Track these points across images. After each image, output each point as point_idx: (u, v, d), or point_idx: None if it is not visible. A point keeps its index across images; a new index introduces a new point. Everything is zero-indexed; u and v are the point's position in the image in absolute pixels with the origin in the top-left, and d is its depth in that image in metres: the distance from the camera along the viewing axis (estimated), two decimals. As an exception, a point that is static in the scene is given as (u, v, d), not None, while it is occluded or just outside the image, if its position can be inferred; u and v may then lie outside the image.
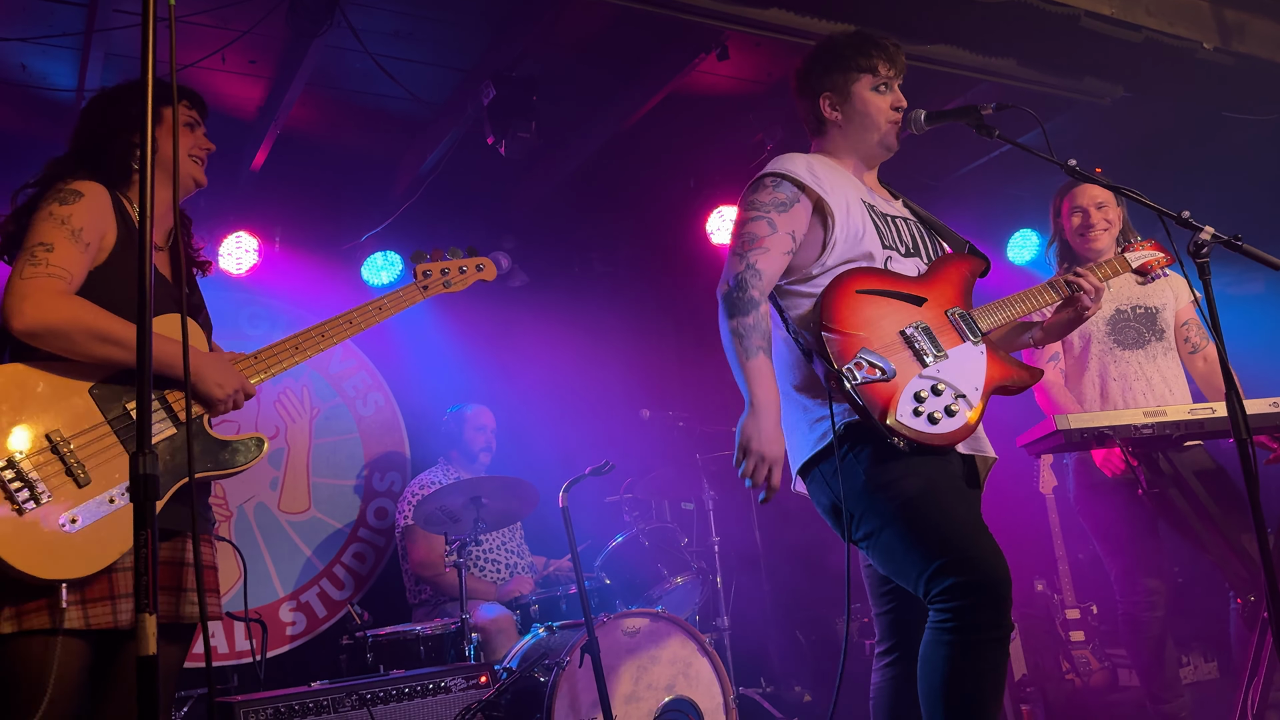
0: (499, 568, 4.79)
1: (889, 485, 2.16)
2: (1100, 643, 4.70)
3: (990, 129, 2.45)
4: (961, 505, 2.18)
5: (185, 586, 2.12)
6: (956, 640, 2.06)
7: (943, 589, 2.07)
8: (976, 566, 2.07)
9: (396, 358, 5.78)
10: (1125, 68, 4.55)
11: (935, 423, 2.16)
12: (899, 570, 2.19)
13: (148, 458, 1.20)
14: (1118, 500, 3.45)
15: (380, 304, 2.41)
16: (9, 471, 1.91)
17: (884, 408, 2.14)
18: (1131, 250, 2.82)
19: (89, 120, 2.30)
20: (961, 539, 2.10)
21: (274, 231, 5.29)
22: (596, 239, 6.26)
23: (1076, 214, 3.57)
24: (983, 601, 2.05)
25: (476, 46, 4.43)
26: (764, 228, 2.30)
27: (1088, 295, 2.47)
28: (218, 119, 4.79)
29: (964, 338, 2.31)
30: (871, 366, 2.17)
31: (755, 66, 4.68)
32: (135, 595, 1.22)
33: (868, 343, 2.20)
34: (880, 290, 2.28)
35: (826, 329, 2.20)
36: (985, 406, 2.27)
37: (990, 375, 2.30)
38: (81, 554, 1.93)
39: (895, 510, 2.15)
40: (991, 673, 2.09)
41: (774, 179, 2.37)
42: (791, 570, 5.63)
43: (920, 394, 2.18)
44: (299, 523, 5.34)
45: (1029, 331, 2.61)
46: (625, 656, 3.77)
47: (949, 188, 5.72)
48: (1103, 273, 2.61)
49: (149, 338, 1.25)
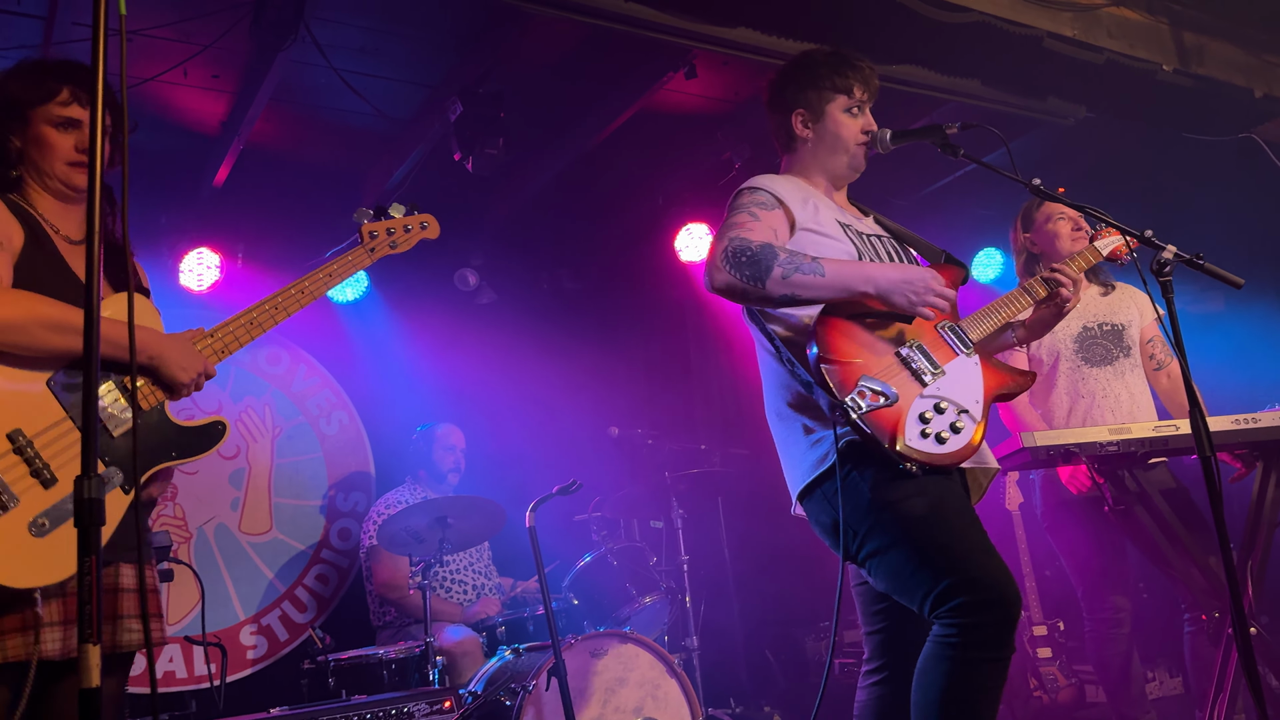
0: (465, 589, 4.73)
1: (896, 504, 2.14)
2: (1067, 659, 4.72)
3: (955, 148, 2.46)
4: (970, 525, 2.17)
5: (121, 614, 2.02)
6: (959, 656, 2.05)
7: (951, 607, 2.06)
8: (988, 587, 2.06)
9: (361, 376, 5.71)
10: (1087, 88, 4.61)
11: (943, 442, 2.16)
12: (904, 588, 2.17)
13: (92, 481, 1.16)
14: (1084, 518, 3.47)
15: (330, 270, 2.33)
16: None
17: (892, 434, 2.12)
18: (1099, 238, 2.83)
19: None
20: (972, 559, 2.09)
21: (237, 248, 5.22)
22: (565, 256, 6.24)
23: (1063, 220, 3.59)
24: (991, 620, 2.05)
25: (443, 62, 4.40)
26: (747, 218, 2.28)
27: (1066, 288, 2.49)
28: (179, 134, 4.75)
29: (957, 351, 2.31)
30: (875, 394, 2.14)
31: (723, 85, 4.70)
32: (79, 624, 1.17)
33: (866, 369, 2.18)
34: (868, 312, 2.26)
35: (825, 360, 2.16)
36: (988, 417, 2.27)
37: (988, 385, 2.31)
38: (55, 559, 1.85)
39: (904, 529, 2.13)
40: (989, 692, 2.08)
41: (752, 190, 2.37)
42: (761, 589, 5.61)
43: (925, 415, 2.17)
44: (260, 544, 5.25)
45: (1009, 332, 2.62)
46: (593, 679, 3.72)
47: (913, 206, 5.76)
48: (1076, 265, 2.63)
49: (95, 362, 1.20)
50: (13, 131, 2.12)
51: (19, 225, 2.06)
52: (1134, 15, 4.45)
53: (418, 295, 5.78)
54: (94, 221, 1.25)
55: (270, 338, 5.51)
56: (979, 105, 4.56)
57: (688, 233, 5.66)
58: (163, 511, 5.02)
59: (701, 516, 5.27)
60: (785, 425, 2.34)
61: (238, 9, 3.75)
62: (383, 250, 2.44)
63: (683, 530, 4.89)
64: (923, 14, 3.83)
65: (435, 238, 2.55)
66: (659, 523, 5.22)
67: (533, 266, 6.17)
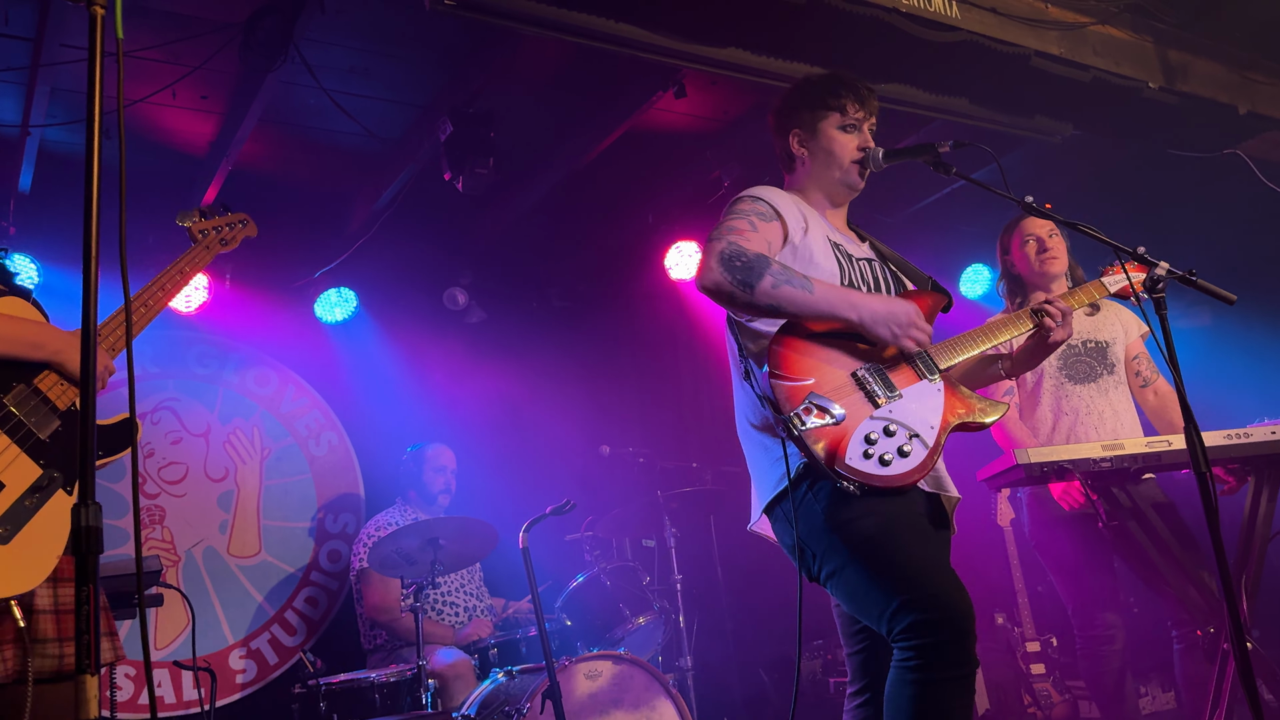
0: (457, 611, 4.69)
1: (847, 524, 2.14)
2: (1061, 675, 4.72)
3: (948, 166, 2.47)
4: (921, 543, 2.17)
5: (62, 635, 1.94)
6: (920, 679, 2.05)
7: (904, 627, 2.06)
8: (937, 604, 2.06)
9: (350, 396, 5.68)
10: (1074, 106, 4.65)
11: (886, 464, 2.14)
12: (862, 609, 2.18)
13: (90, 509, 1.14)
14: (1074, 534, 3.47)
15: (181, 268, 2.42)
16: None
17: (832, 452, 2.12)
18: (1109, 275, 2.82)
19: None
20: (920, 576, 2.09)
21: (225, 269, 5.20)
22: (555, 275, 6.24)
23: (1030, 241, 3.62)
24: (945, 639, 2.04)
25: (433, 83, 4.41)
26: (745, 225, 2.29)
27: (1054, 321, 2.48)
28: (168, 154, 4.73)
29: (920, 375, 2.29)
30: (821, 411, 2.14)
31: (712, 105, 4.72)
32: (77, 654, 1.15)
33: (817, 387, 2.18)
34: (834, 332, 2.26)
35: (775, 376, 2.17)
36: (942, 445, 2.26)
37: (948, 413, 2.28)
38: (22, 566, 1.79)
39: (854, 549, 2.13)
40: (957, 710, 2.07)
41: (753, 198, 2.38)
42: (755, 608, 5.59)
43: (870, 435, 2.15)
44: (249, 567, 5.20)
45: (997, 364, 2.62)
46: (588, 701, 3.70)
47: (902, 223, 5.79)
48: (1075, 300, 2.62)
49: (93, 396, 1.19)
50: None
51: None
52: (1120, 34, 4.50)
53: (407, 315, 5.77)
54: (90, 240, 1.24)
55: (258, 358, 5.48)
56: (967, 123, 4.59)
57: (677, 250, 5.67)
58: (150, 534, 4.97)
59: (694, 535, 5.25)
60: (750, 443, 2.35)
61: (227, 30, 3.74)
62: (216, 247, 2.54)
63: (675, 549, 4.87)
64: (912, 33, 3.85)
65: (255, 235, 2.66)
66: (651, 541, 5.20)
67: (522, 285, 6.17)
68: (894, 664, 2.10)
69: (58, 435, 1.95)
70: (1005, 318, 2.55)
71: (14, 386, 1.94)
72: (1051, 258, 3.57)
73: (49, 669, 1.89)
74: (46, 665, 1.89)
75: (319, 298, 5.50)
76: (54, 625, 1.92)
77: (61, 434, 1.95)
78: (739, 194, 2.43)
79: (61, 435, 1.95)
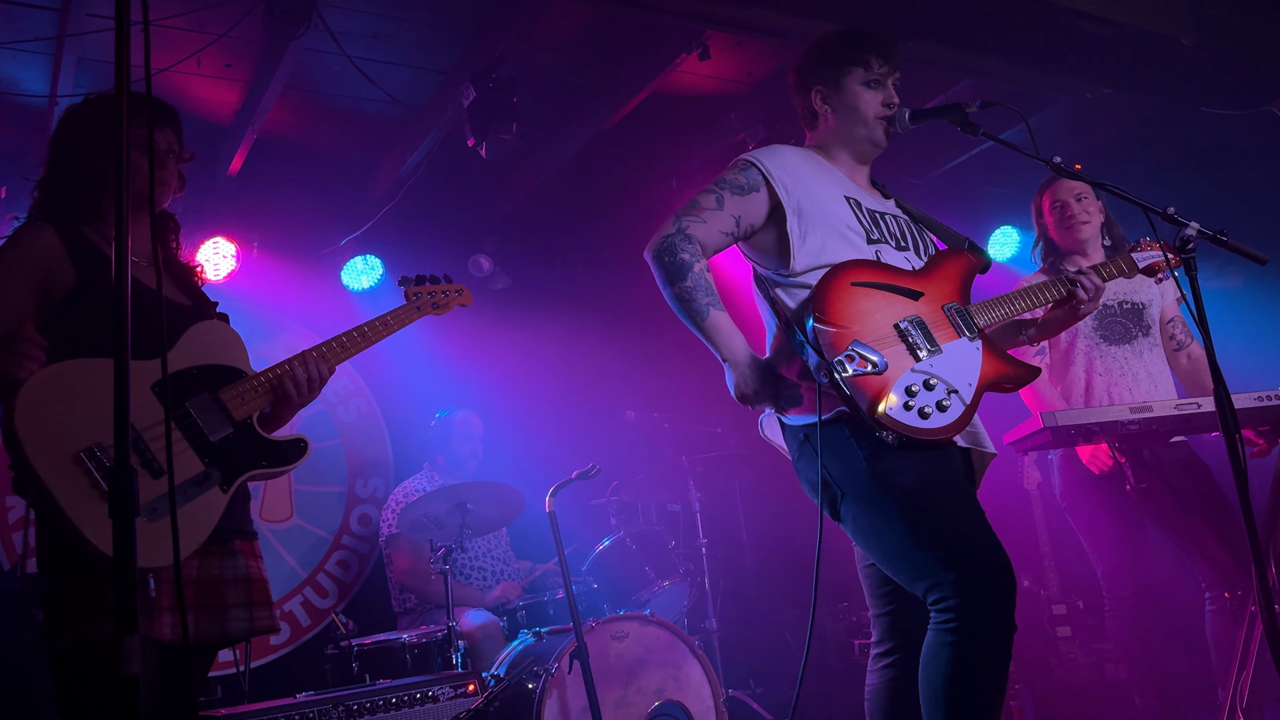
0: (485, 574, 4.75)
1: (890, 476, 2.12)
2: (1087, 637, 4.72)
3: (975, 126, 2.44)
4: (963, 502, 2.15)
5: (228, 603, 2.15)
6: (959, 641, 2.02)
7: (943, 590, 2.03)
8: (978, 565, 2.04)
9: (378, 362, 5.72)
10: (1106, 63, 4.56)
11: (926, 417, 2.14)
12: (895, 567, 2.16)
13: (126, 474, 1.17)
14: (1104, 497, 3.45)
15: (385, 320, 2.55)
16: (93, 460, 1.92)
17: (873, 400, 2.11)
18: (1139, 250, 2.78)
19: (58, 142, 2.29)
20: (961, 539, 2.07)
21: (252, 237, 5.23)
22: (579, 240, 6.23)
23: (1057, 207, 3.58)
24: (985, 600, 2.02)
25: (456, 48, 4.39)
26: (711, 201, 2.33)
27: (1086, 293, 2.46)
28: (194, 123, 4.74)
29: (960, 333, 2.29)
30: (863, 359, 2.14)
31: (736, 66, 4.67)
32: (117, 616, 1.19)
33: (860, 335, 2.17)
34: (876, 283, 2.25)
35: (819, 320, 2.17)
36: (979, 403, 2.25)
37: (985, 371, 2.27)
38: (165, 543, 1.93)
39: (894, 503, 2.11)
40: (994, 673, 2.05)
41: (744, 163, 2.38)
42: (779, 571, 5.63)
43: (911, 388, 2.15)
44: (281, 531, 5.29)
45: (1024, 330, 2.60)
46: (614, 661, 3.75)
47: (928, 185, 5.73)
48: (1106, 272, 2.59)
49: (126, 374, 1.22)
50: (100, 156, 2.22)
51: (70, 264, 2.14)
52: (1152, -12, 4.41)
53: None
54: (123, 224, 1.26)
55: (286, 325, 5.53)
56: (996, 82, 4.52)
57: (702, 215, 5.64)
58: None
59: (719, 499, 5.28)
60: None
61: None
62: (426, 309, 2.68)
63: (700, 513, 4.90)
64: (938, -10, 3.80)
65: (469, 305, 2.81)
66: (676, 506, 5.23)
67: (547, 251, 6.17)
68: (931, 626, 2.08)
69: (227, 440, 2.15)
70: (1041, 281, 2.53)
71: (200, 393, 2.16)
72: (1079, 224, 3.53)
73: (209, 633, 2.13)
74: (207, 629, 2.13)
75: (345, 265, 5.53)
76: (198, 593, 2.12)
77: (231, 439, 2.15)
78: (737, 157, 2.42)
79: (230, 440, 2.15)
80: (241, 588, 2.17)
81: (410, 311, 2.61)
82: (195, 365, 2.16)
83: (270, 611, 2.23)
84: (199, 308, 2.36)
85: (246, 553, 2.22)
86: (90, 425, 1.94)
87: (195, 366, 2.16)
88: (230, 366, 2.23)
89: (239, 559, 2.19)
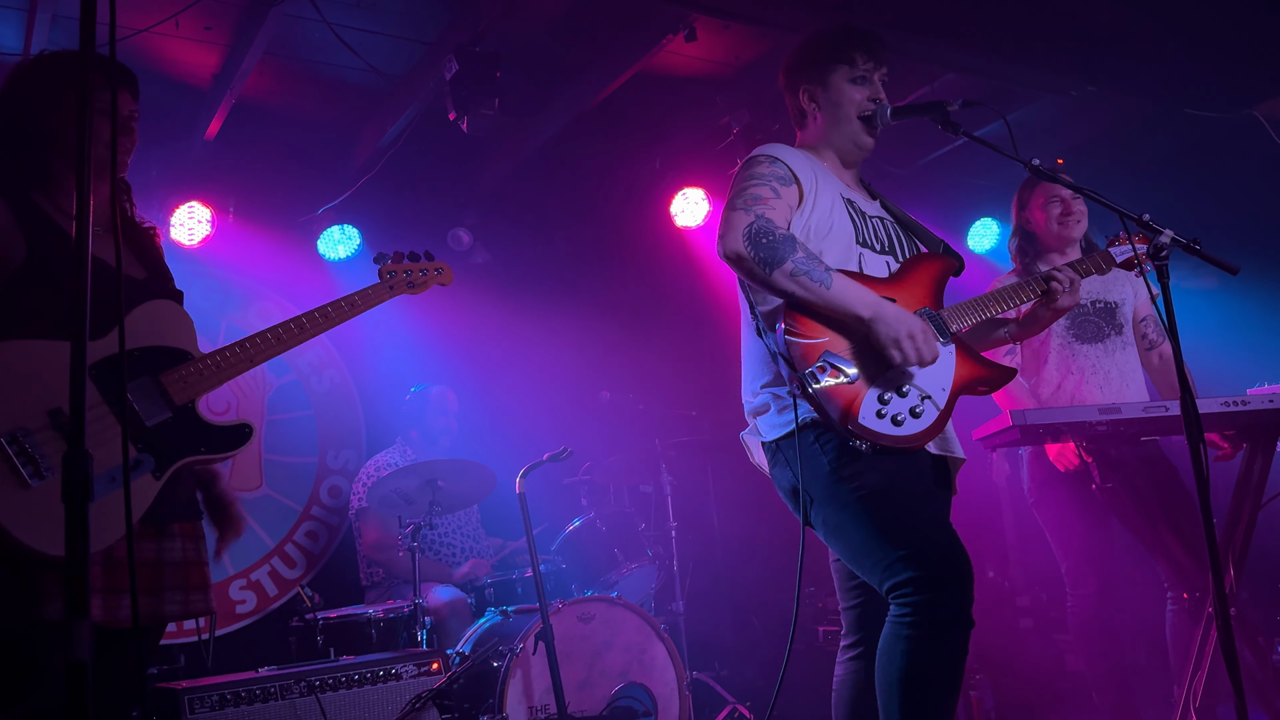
0: (454, 550, 4.75)
1: (852, 477, 2.17)
2: (1049, 629, 4.78)
3: (956, 126, 2.43)
4: (923, 502, 2.19)
5: (163, 586, 2.10)
6: (914, 635, 2.07)
7: (901, 583, 2.08)
8: (935, 562, 2.08)
9: (353, 333, 5.66)
10: (1089, 61, 4.56)
11: (899, 425, 2.16)
12: (860, 563, 2.21)
13: (80, 460, 1.16)
14: (1070, 494, 3.48)
15: (353, 299, 2.46)
16: (14, 445, 1.87)
17: (845, 409, 2.14)
18: (1117, 245, 2.78)
19: (2, 105, 2.16)
20: (920, 534, 2.12)
21: (228, 202, 5.16)
22: (559, 218, 6.20)
23: (1056, 203, 3.55)
24: (941, 597, 2.07)
25: (440, 19, 4.34)
26: (768, 192, 2.26)
27: (1061, 285, 2.47)
28: (171, 86, 4.68)
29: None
30: (835, 369, 2.16)
31: (723, 49, 4.64)
32: (66, 599, 1.17)
33: (831, 346, 2.19)
34: None
35: (791, 334, 2.18)
36: (953, 407, 2.27)
37: (959, 376, 2.29)
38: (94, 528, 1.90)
39: (857, 502, 2.16)
40: (949, 669, 2.10)
41: (770, 159, 2.34)
42: (749, 556, 5.66)
43: (884, 396, 2.17)
44: (251, 500, 5.26)
45: (1003, 328, 2.61)
46: (580, 643, 3.76)
47: (910, 177, 5.73)
48: (1083, 269, 2.60)
49: (84, 348, 1.20)
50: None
51: (17, 236, 2.04)
52: (1138, -12, 4.40)
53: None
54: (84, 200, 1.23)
55: (261, 293, 5.48)
56: (978, 78, 4.52)
57: (684, 197, 5.62)
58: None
59: (691, 483, 5.29)
60: (758, 401, 2.36)
61: (231, -40, 3.68)
62: (401, 289, 2.58)
63: (671, 496, 4.91)
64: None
65: (448, 284, 2.73)
66: (648, 487, 5.24)
67: (527, 228, 6.13)
68: (889, 619, 2.13)
69: (164, 425, 2.07)
70: (1015, 283, 2.53)
71: (139, 376, 2.07)
72: (1074, 221, 3.52)
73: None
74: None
75: (322, 234, 5.47)
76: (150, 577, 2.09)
77: (168, 424, 2.08)
78: (754, 152, 2.39)
79: (167, 425, 2.07)
80: (178, 571, 2.12)
81: (382, 291, 2.51)
82: (137, 347, 2.08)
83: (206, 595, 2.18)
84: (153, 280, 2.26)
85: (185, 535, 2.17)
86: (12, 411, 1.88)
87: (137, 349, 2.08)
88: (175, 349, 2.14)
89: (175, 542, 2.14)
